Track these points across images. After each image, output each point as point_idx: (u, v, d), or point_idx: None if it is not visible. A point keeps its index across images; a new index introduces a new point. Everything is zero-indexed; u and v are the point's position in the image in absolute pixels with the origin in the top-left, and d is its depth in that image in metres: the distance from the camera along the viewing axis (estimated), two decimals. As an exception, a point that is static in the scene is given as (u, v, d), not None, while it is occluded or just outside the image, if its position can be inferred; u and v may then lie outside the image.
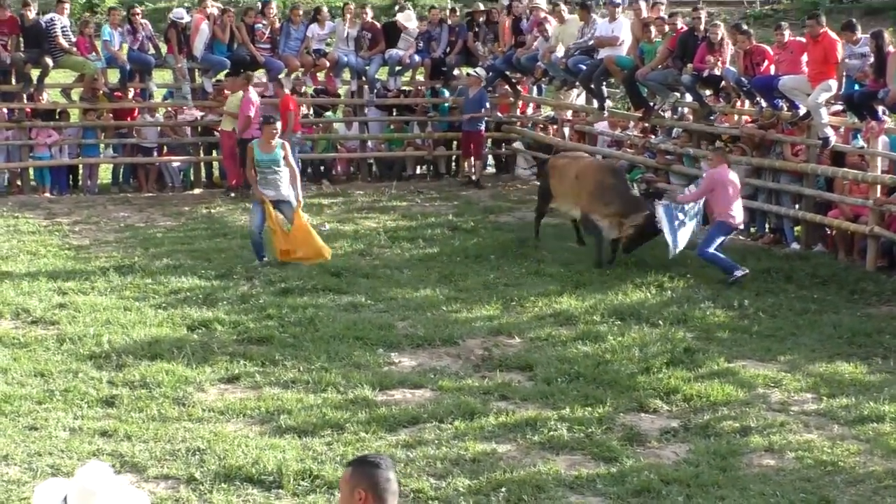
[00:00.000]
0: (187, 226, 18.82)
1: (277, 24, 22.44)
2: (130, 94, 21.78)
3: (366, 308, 13.96)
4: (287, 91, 21.03)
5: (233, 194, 20.70)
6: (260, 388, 11.13)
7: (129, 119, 21.94)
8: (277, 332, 12.78)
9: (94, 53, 21.18)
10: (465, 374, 11.64)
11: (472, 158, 22.45)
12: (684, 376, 11.40)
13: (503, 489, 8.81)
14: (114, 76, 21.70)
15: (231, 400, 10.79)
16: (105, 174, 22.47)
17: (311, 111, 23.19)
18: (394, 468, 4.77)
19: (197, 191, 21.72)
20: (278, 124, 16.25)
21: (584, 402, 10.70)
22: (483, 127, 22.44)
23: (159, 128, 21.98)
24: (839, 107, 17.01)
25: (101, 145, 21.92)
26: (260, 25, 22.16)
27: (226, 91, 21.42)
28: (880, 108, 16.12)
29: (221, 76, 22.14)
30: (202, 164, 22.31)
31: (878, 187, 16.07)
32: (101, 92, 21.36)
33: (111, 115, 21.71)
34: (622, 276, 15.12)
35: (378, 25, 23.55)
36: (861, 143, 16.59)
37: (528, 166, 23.74)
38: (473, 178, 22.30)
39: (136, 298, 14.18)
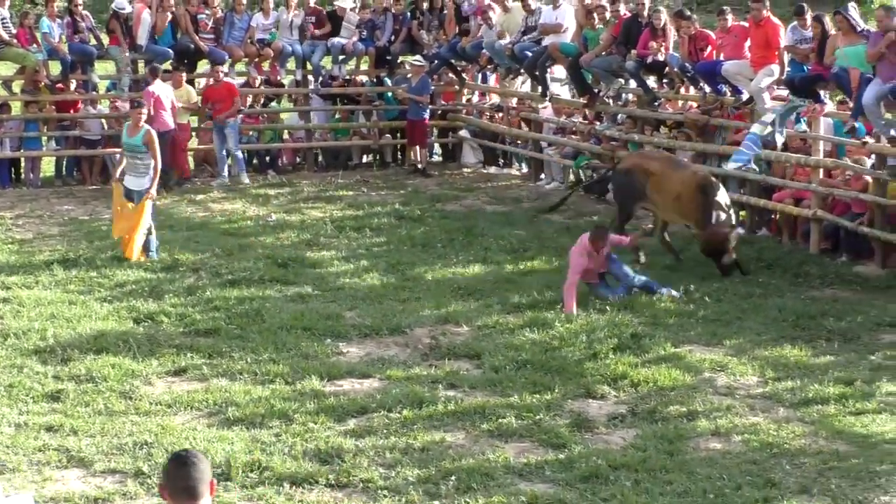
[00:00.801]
0: (132, 218, 18.68)
1: (220, 14, 22.32)
2: (73, 86, 21.60)
3: (313, 298, 13.93)
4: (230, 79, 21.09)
5: (178, 186, 20.57)
6: (207, 381, 11.08)
7: (71, 111, 21.76)
8: (224, 324, 12.73)
9: (34, 45, 20.96)
10: (413, 363, 11.65)
11: (417, 147, 22.43)
12: (631, 362, 11.45)
13: (452, 478, 8.82)
14: (55, 68, 21.51)
15: (178, 392, 10.74)
16: (48, 167, 22.27)
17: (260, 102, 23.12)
18: (197, 463, 4.77)
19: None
20: (145, 110, 16.32)
21: (533, 389, 10.73)
22: (427, 115, 22.41)
23: (103, 119, 21.79)
24: (783, 91, 17.13)
25: (44, 138, 21.74)
26: (203, 15, 22.05)
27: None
28: (822, 92, 16.25)
29: (167, 66, 21.99)
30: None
31: (821, 171, 16.21)
32: (43, 84, 21.17)
33: (53, 107, 21.52)
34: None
35: (323, 10, 23.51)
36: (804, 126, 16.72)
37: (474, 154, 23.75)
38: (419, 166, 22.28)
39: (81, 292, 14.08)
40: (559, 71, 21.27)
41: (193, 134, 22.25)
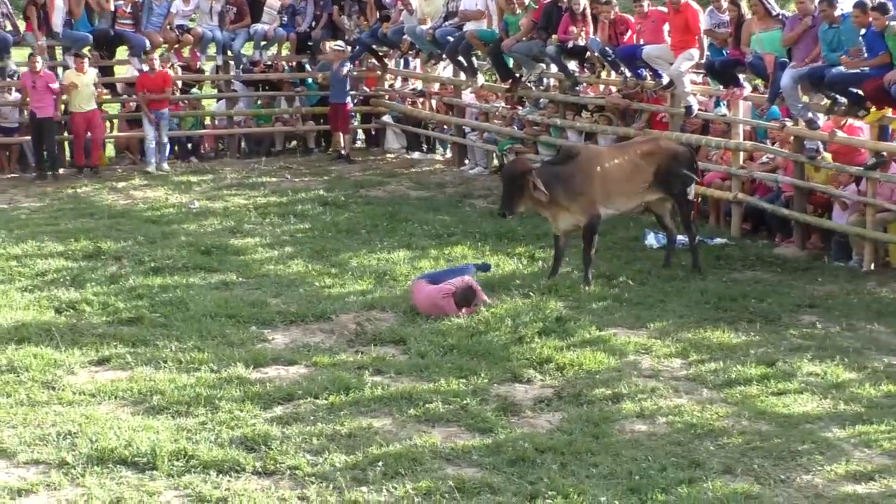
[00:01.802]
0: (52, 206, 18.48)
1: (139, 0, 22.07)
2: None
3: (237, 286, 13.86)
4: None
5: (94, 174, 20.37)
6: (131, 369, 10.97)
7: (-13, 99, 21.41)
8: (148, 312, 12.61)
9: (-51, 32, 20.63)
10: (339, 350, 11.61)
11: (340, 133, 22.33)
12: (557, 345, 11.50)
13: (380, 463, 8.81)
14: (-29, 55, 21.17)
15: (102, 382, 10.63)
16: (-35, 155, 21.93)
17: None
18: None
19: (62, 171, 21.27)
20: None
21: (459, 374, 10.73)
22: (349, 100, 22.33)
23: (20, 107, 21.47)
24: (695, 76, 17.28)
25: (-40, 126, 21.41)
26: (121, 1, 21.79)
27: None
28: (741, 76, 16.40)
29: (86, 51, 21.72)
30: (66, 143, 21.79)
31: (741, 154, 16.37)
32: (-41, 71, 20.84)
33: (-31, 95, 21.19)
34: (494, 247, 15.20)
35: (243, -1, 23.31)
36: (724, 110, 16.87)
37: (397, 140, 23.71)
38: (343, 152, 22.20)
39: (0, 282, 13.89)
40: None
41: (110, 123, 22.08)
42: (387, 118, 23.67)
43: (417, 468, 8.78)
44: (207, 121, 23.51)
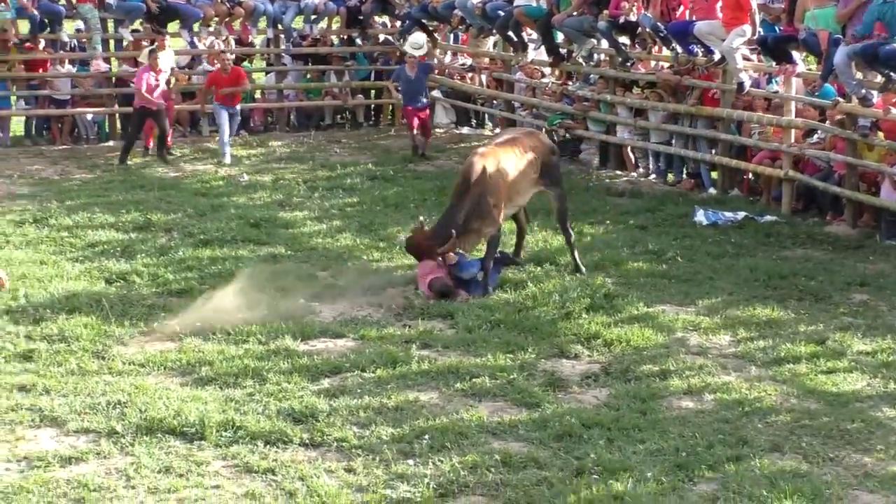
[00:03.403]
0: (103, 178, 18.59)
1: (191, -27, 22.12)
2: (41, 45, 21.39)
3: (286, 258, 13.89)
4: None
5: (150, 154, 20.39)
6: (180, 341, 11.03)
7: (40, 70, 21.55)
8: (197, 284, 12.67)
9: (2, 4, 20.75)
10: (387, 323, 11.63)
11: (419, 134, 21.46)
12: (604, 321, 11.47)
13: (426, 436, 8.84)
14: (24, 27, 21.31)
15: (151, 353, 10.69)
16: (17, 127, 22.11)
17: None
18: None
19: (112, 143, 21.40)
20: None
21: (506, 349, 10.74)
22: (427, 102, 21.26)
23: (72, 79, 21.62)
24: (747, 50, 17.14)
25: (13, 97, 21.56)
26: (174, -26, 21.86)
27: (142, 42, 21.17)
28: (794, 52, 16.25)
29: (138, 25, 21.81)
30: (117, 115, 21.92)
31: (793, 131, 16.23)
32: (12, 43, 20.97)
33: (22, 66, 21.35)
34: (542, 223, 15.16)
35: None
36: (776, 87, 16.72)
37: (446, 115, 23.67)
38: (420, 152, 21.23)
39: (52, 252, 14.00)
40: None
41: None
42: (436, 93, 23.63)
43: (463, 442, 8.80)
44: (257, 94, 23.54)
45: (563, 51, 20.04)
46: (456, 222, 12.58)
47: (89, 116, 21.92)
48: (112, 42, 21.69)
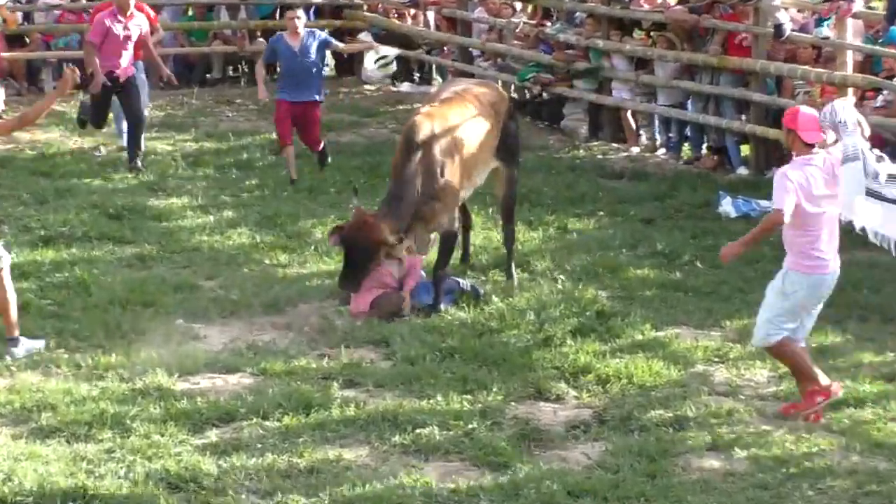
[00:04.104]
0: None
1: None
2: None
3: (158, 263, 13.83)
4: None
5: None
6: (13, 376, 10.92)
7: None
8: (35, 298, 12.56)
9: None
10: (298, 353, 11.57)
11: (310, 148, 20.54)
12: (597, 350, 11.46)
13: (353, 510, 8.78)
14: None
15: (-29, 393, 10.58)
16: None
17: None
18: None
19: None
20: None
21: (462, 387, 10.69)
22: (320, 97, 18.21)
23: None
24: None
25: None
26: None
27: None
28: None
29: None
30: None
31: (850, 90, 16.28)
32: None
33: None
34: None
35: None
36: (826, 32, 16.78)
37: (378, 66, 23.63)
38: (318, 159, 20.48)
39: None
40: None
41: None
42: (365, 36, 23.57)
43: (405, 518, 8.74)
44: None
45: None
46: (411, 199, 12.52)
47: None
48: None
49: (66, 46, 22.37)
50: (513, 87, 20.62)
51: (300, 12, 18.16)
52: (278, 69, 18.37)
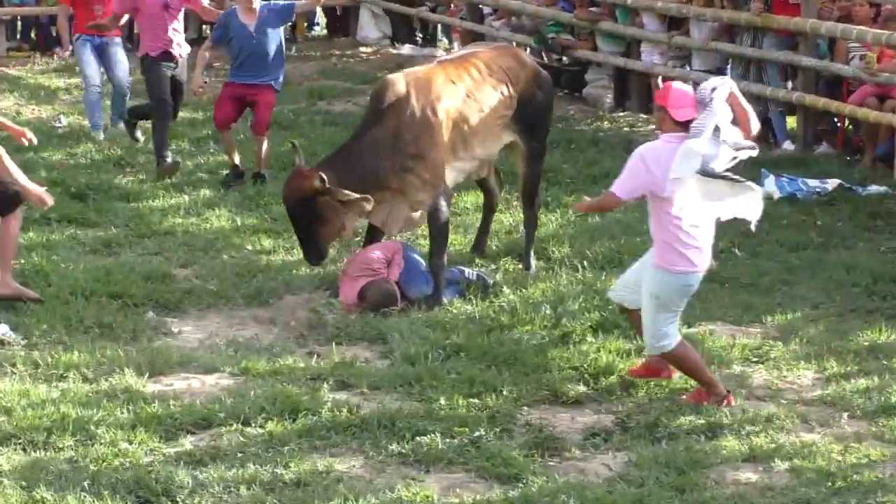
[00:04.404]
0: None
1: None
2: None
3: (126, 248, 13.92)
4: None
5: None
6: (-39, 377, 11.00)
7: None
8: (-13, 288, 12.63)
9: None
10: (284, 350, 11.65)
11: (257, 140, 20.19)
12: (621, 349, 11.53)
13: (345, 527, 8.88)
14: None
15: (-85, 396, 10.66)
16: None
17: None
18: None
19: None
20: None
21: (468, 390, 10.75)
22: (276, 81, 17.72)
23: None
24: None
25: None
26: None
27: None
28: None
29: None
30: None
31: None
32: None
33: None
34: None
35: None
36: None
37: (376, 26, 23.70)
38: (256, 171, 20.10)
39: None
40: None
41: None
42: (363, -9, 23.66)
43: (402, 536, 8.85)
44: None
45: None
46: (363, 160, 12.63)
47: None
48: None
49: (21, 3, 22.40)
50: (528, 49, 20.63)
51: None
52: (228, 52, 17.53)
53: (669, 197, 10.27)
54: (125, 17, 18.02)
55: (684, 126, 10.27)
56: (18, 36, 23.92)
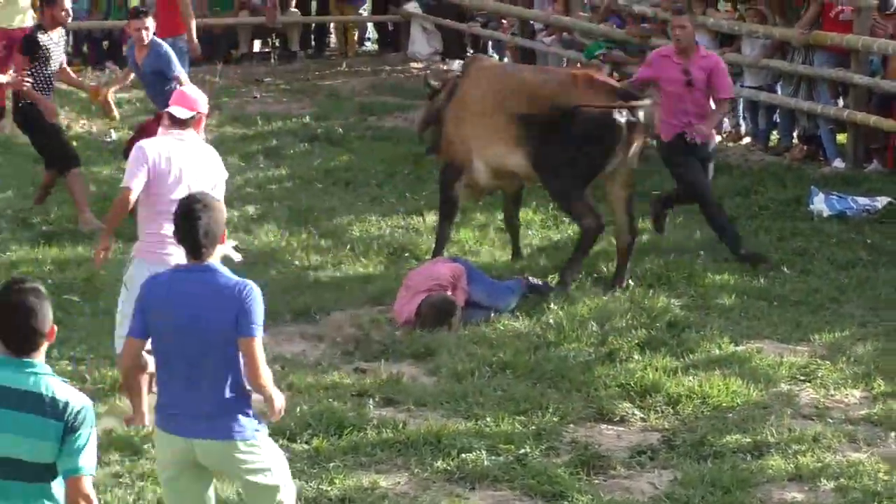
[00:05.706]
0: None
1: None
2: None
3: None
4: None
5: None
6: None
7: None
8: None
9: None
10: (331, 366, 11.69)
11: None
12: (668, 366, 11.53)
13: (390, 544, 8.90)
14: None
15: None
16: None
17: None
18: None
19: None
20: None
21: (514, 407, 10.76)
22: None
23: None
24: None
25: None
26: None
27: None
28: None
29: None
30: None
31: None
32: None
33: None
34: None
35: None
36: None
37: (427, 41, 23.72)
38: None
39: None
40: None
41: None
42: (413, 7, 23.66)
43: (447, 553, 8.87)
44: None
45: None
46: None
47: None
48: None
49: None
50: (579, 66, 20.63)
51: (148, 21, 15.96)
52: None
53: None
54: None
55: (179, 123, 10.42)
56: (70, 50, 24.07)
